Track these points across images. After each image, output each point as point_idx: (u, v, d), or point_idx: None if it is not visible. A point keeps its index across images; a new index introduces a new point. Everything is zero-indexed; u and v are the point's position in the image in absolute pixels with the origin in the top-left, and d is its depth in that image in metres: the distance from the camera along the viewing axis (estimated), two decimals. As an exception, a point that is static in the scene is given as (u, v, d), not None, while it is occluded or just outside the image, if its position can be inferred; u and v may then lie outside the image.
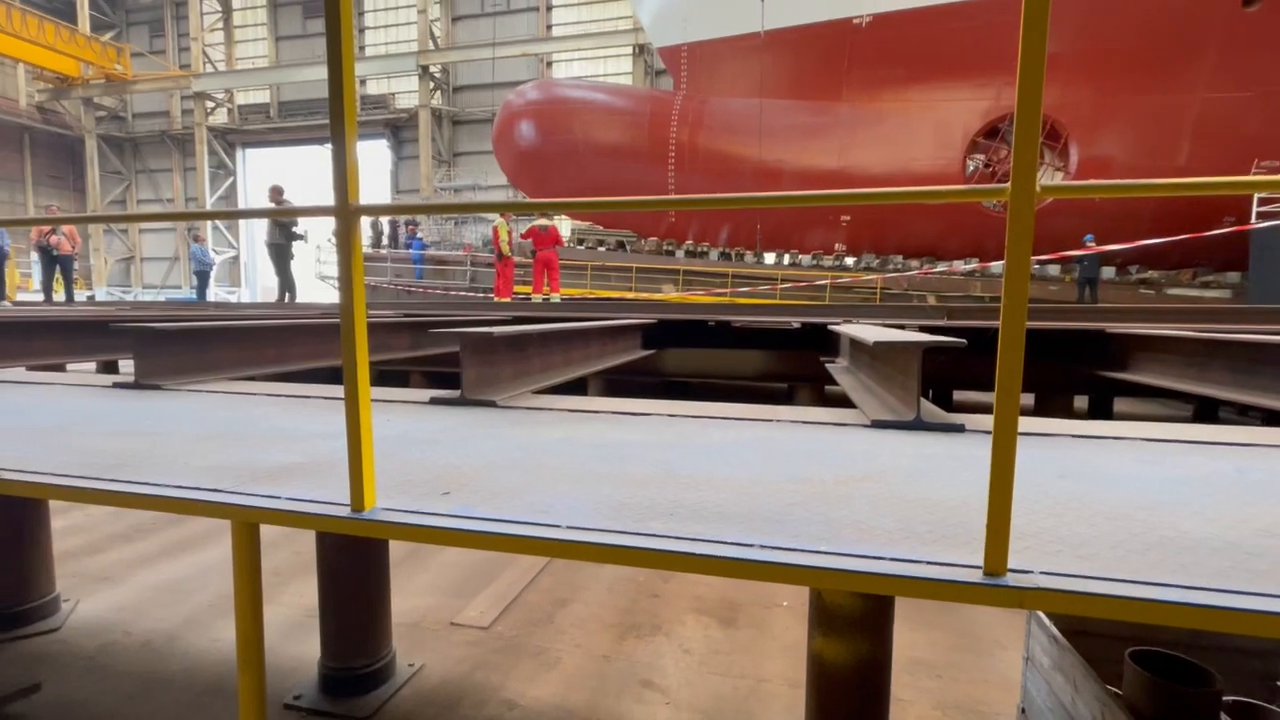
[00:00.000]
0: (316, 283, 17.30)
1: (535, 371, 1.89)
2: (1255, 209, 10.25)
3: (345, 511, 0.82)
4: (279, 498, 0.87)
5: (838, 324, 2.67)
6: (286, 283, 8.14)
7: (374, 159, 28.19)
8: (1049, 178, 12.40)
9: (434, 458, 1.19)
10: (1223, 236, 9.53)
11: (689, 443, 1.31)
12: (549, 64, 25.71)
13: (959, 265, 13.26)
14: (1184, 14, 10.42)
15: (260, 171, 29.07)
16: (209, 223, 28.47)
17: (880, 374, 1.64)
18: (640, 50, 24.14)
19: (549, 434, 1.36)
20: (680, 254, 14.82)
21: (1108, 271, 12.39)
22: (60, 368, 3.21)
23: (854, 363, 2.24)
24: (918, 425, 1.39)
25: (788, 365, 3.64)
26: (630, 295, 13.03)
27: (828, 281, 12.66)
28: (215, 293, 28.28)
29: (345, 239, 0.85)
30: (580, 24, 25.63)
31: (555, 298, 9.45)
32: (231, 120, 29.19)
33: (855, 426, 1.42)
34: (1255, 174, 10.78)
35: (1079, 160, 11.81)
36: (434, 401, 1.61)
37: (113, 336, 2.44)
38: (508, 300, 9.39)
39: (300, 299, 8.78)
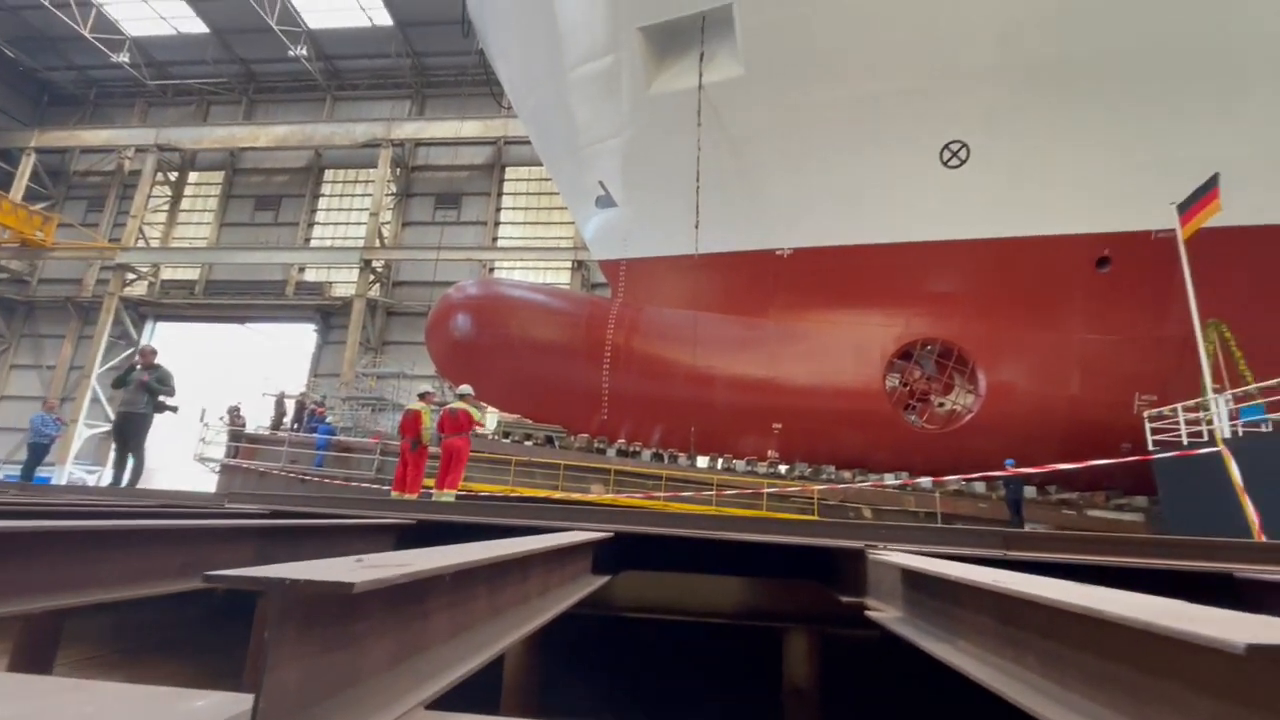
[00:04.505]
0: (193, 465, 15.17)
1: (440, 640, 1.02)
2: (1150, 437, 10.96)
3: None
4: None
5: (880, 550, 1.94)
6: (138, 459, 6.66)
7: (300, 341, 27.43)
8: (962, 399, 13.16)
9: None
10: (1124, 461, 9.92)
11: None
12: (491, 269, 27.11)
13: (889, 479, 13.24)
14: (1050, 270, 12.10)
15: (169, 344, 27.41)
16: (88, 395, 25.76)
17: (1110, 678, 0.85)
18: (579, 265, 26.08)
19: None
20: (611, 453, 14.17)
21: (1030, 491, 12.64)
22: None
23: (936, 620, 1.47)
24: None
25: (777, 599, 2.80)
26: (557, 495, 11.95)
27: (765, 490, 12.17)
28: (70, 472, 24.52)
29: None
30: (524, 239, 27.77)
31: (448, 496, 8.29)
32: (150, 293, 28.18)
33: None
34: (1138, 406, 11.81)
35: (986, 384, 12.67)
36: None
37: None
38: (413, 498, 8.15)
39: (146, 484, 7.23)
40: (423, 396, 9.24)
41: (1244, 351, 10.35)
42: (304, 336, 27.38)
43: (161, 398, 6.85)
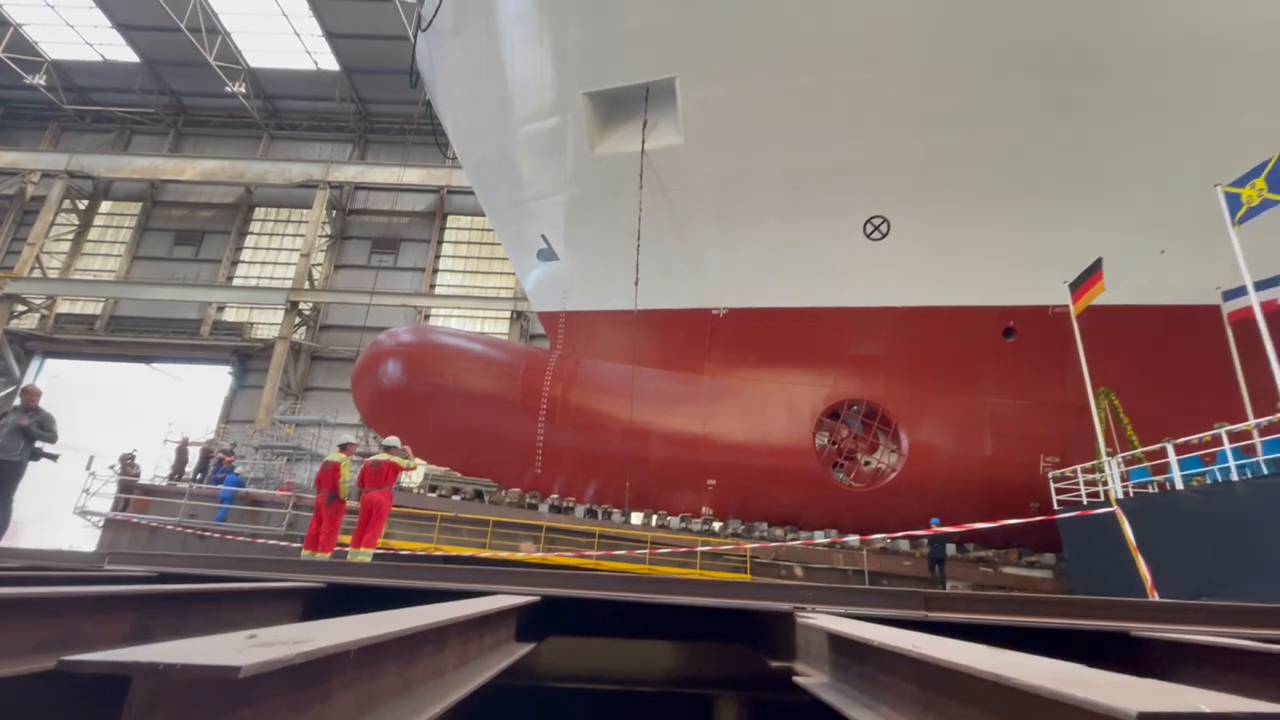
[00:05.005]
0: (74, 519, 13.65)
1: (336, 724, 0.93)
2: (1054, 497, 11.67)
3: None
4: None
5: (809, 613, 1.94)
6: (4, 512, 5.86)
7: (212, 384, 25.68)
8: (886, 458, 13.67)
9: None
10: (1032, 520, 10.49)
11: None
12: (426, 316, 26.54)
13: (819, 537, 13.43)
14: (963, 338, 12.97)
15: (59, 382, 25.00)
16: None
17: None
18: (518, 315, 25.94)
19: None
20: (544, 508, 13.76)
21: (950, 549, 13.10)
22: None
23: (861, 685, 1.48)
24: None
25: (708, 664, 2.74)
26: (485, 553, 11.42)
27: (699, 548, 12.07)
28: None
29: None
30: (463, 287, 27.46)
31: (365, 555, 7.73)
32: (42, 327, 25.87)
33: None
34: (1043, 467, 12.61)
35: (909, 444, 13.25)
36: None
37: None
38: (326, 558, 7.57)
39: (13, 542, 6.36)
40: (344, 447, 8.74)
41: (1130, 418, 11.33)
42: (217, 379, 25.67)
43: (40, 444, 6.14)
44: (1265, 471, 7.39)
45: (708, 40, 11.27)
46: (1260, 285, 8.60)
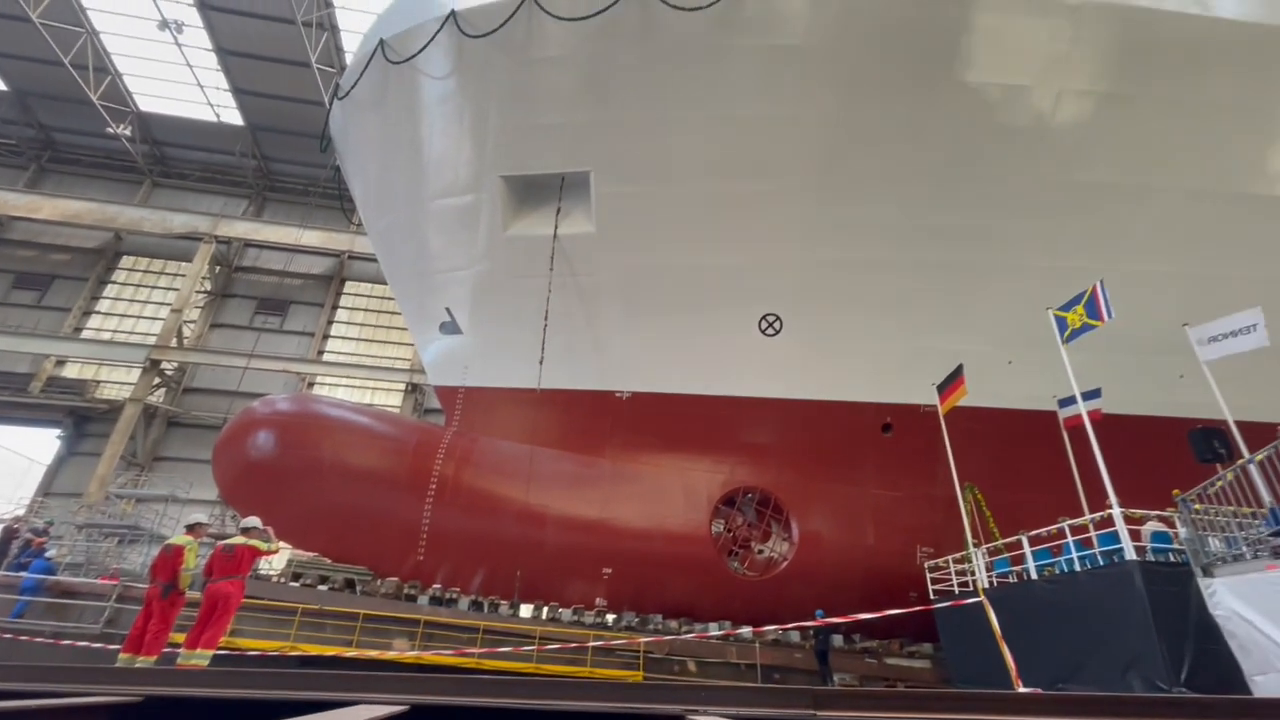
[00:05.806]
0: None
1: None
2: (930, 586, 12.29)
3: None
4: None
5: (699, 717, 1.87)
6: None
7: (36, 448, 22.08)
8: (779, 547, 13.92)
9: None
10: (912, 610, 10.90)
11: None
12: (311, 385, 24.76)
13: (713, 628, 13.19)
14: (847, 431, 13.83)
15: None
16: None
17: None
18: (413, 388, 24.81)
19: None
20: (424, 600, 12.62)
21: (838, 639, 13.28)
22: None
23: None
24: None
25: (593, 779, 2.52)
26: (350, 652, 10.16)
27: (591, 643, 11.44)
28: None
29: None
30: (355, 355, 26.05)
31: (201, 658, 6.58)
32: None
33: None
34: (919, 557, 13.31)
35: (799, 533, 13.61)
36: None
37: None
38: (149, 663, 6.39)
39: None
40: (192, 529, 7.63)
41: (992, 511, 12.35)
42: (43, 444, 22.15)
43: None
44: (1101, 562, 8.23)
45: (620, 142, 12.03)
46: (1086, 395, 9.92)
